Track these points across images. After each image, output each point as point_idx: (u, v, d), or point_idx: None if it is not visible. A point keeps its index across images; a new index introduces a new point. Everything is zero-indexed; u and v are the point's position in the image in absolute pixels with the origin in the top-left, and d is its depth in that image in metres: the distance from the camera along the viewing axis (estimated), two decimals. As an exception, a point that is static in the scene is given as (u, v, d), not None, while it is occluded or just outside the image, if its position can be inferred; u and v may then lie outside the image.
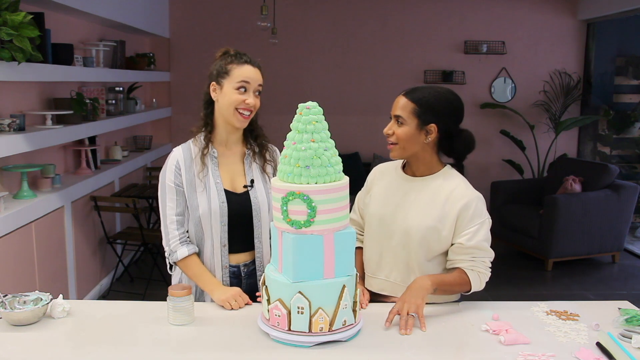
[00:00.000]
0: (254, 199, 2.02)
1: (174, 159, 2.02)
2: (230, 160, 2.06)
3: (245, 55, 2.02)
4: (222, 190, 2.00)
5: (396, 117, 1.92)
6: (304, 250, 1.60)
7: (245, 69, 1.97)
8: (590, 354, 1.58)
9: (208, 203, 1.97)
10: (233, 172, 2.05)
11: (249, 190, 2.03)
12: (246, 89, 1.96)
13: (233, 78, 1.96)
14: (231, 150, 2.07)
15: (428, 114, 1.89)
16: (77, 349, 1.63)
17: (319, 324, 1.60)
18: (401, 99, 1.93)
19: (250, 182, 2.04)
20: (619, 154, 7.01)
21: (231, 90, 1.96)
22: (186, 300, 1.77)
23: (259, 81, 1.99)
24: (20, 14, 2.94)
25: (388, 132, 1.94)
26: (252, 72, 1.98)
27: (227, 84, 1.97)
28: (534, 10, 6.68)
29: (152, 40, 6.64)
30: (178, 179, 2.00)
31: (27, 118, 3.55)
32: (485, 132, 6.77)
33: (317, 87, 6.72)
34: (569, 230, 5.16)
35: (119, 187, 5.06)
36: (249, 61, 1.99)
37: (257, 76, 1.99)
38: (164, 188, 2.02)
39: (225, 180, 2.02)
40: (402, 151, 1.93)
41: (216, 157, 2.03)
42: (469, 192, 1.92)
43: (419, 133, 1.90)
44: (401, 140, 1.91)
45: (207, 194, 1.98)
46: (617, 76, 6.96)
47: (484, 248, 1.89)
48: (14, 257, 3.14)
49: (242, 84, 1.96)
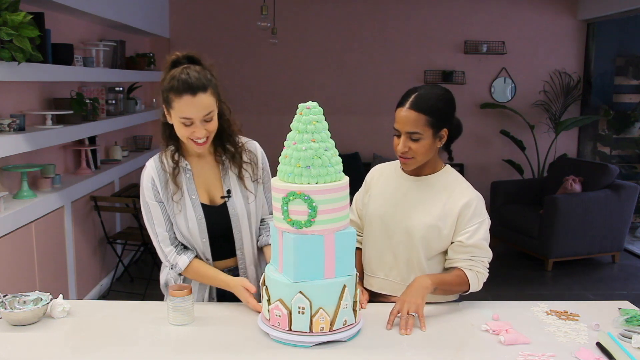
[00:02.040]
0: (232, 211, 1.94)
1: (149, 176, 1.91)
2: (206, 170, 1.95)
3: (185, 74, 1.75)
4: (199, 205, 1.91)
5: (410, 133, 1.84)
6: (304, 250, 1.60)
7: (184, 103, 1.74)
8: (590, 354, 1.58)
9: (186, 222, 1.90)
10: (209, 184, 1.95)
11: (226, 201, 1.94)
12: (192, 122, 1.77)
13: (176, 111, 1.77)
14: (205, 159, 1.95)
15: (441, 121, 1.87)
16: (77, 349, 1.63)
17: (319, 324, 1.60)
18: (408, 112, 1.84)
19: (227, 192, 1.94)
20: (619, 154, 7.00)
21: (178, 122, 1.79)
22: (186, 300, 1.77)
23: (204, 111, 1.76)
24: (20, 14, 2.94)
25: (404, 150, 1.86)
26: (192, 104, 1.74)
27: (173, 114, 1.79)
28: (534, 10, 6.67)
29: (152, 40, 6.64)
30: (157, 196, 1.91)
31: (27, 118, 3.55)
32: (485, 132, 6.78)
33: (317, 87, 6.71)
34: (569, 231, 5.16)
35: (119, 187, 5.05)
36: (188, 88, 1.73)
37: (201, 105, 1.75)
38: (146, 207, 1.93)
39: (202, 193, 1.93)
40: (418, 164, 1.91)
41: (190, 169, 1.92)
42: (470, 191, 1.93)
43: (435, 141, 1.89)
44: (420, 154, 1.87)
45: (184, 213, 1.90)
46: (617, 76, 6.96)
47: (483, 247, 1.89)
48: (14, 257, 3.14)
49: (185, 119, 1.77)
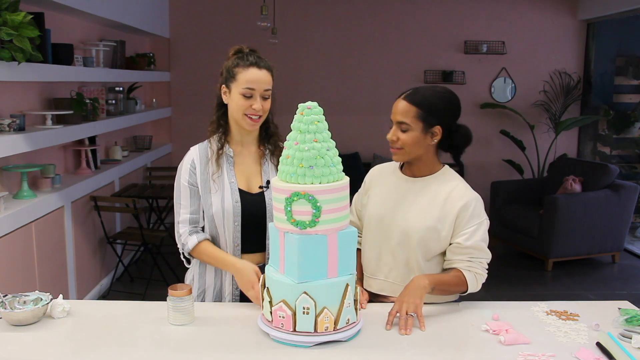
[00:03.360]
0: (269, 200, 1.97)
1: (190, 157, 2.01)
2: (247, 160, 2.04)
3: (252, 56, 1.94)
4: (237, 189, 1.98)
5: (399, 123, 1.88)
6: (309, 251, 1.60)
7: (250, 73, 1.91)
8: (590, 354, 1.58)
9: (222, 202, 1.95)
10: (249, 173, 2.03)
11: (264, 191, 2.00)
12: (252, 94, 1.91)
13: (239, 83, 1.91)
14: (248, 149, 2.04)
15: (432, 117, 1.87)
16: (77, 349, 1.63)
17: (324, 324, 1.60)
18: (401, 102, 1.89)
19: (266, 183, 2.01)
20: (619, 154, 7.01)
21: (238, 95, 1.92)
22: (186, 300, 1.77)
23: (265, 85, 1.93)
24: (20, 14, 2.94)
25: (392, 139, 1.90)
26: (258, 75, 1.91)
27: (234, 88, 1.92)
28: (534, 10, 6.68)
29: (152, 40, 6.64)
30: (193, 178, 1.99)
31: (27, 118, 3.55)
32: (485, 132, 6.78)
33: (317, 87, 6.72)
34: (569, 230, 5.16)
35: (119, 187, 5.06)
36: (255, 63, 1.91)
37: (264, 79, 1.92)
38: (178, 187, 2.01)
39: (240, 180, 2.00)
40: (407, 155, 1.92)
41: (232, 156, 2.01)
42: (468, 192, 1.92)
43: (425, 136, 1.89)
44: (407, 145, 1.89)
45: (221, 193, 1.96)
46: (617, 76, 6.96)
47: (481, 248, 1.89)
48: (14, 257, 3.14)
49: (247, 90, 1.90)
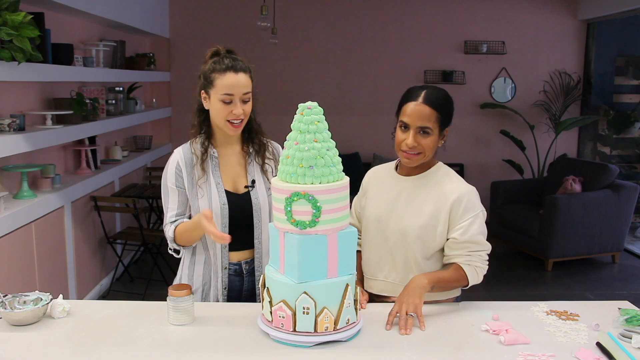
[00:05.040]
0: (255, 200, 2.00)
1: (175, 160, 2.01)
2: (232, 160, 2.05)
3: (228, 58, 1.91)
4: (223, 191, 1.99)
5: (421, 127, 1.85)
6: (308, 251, 1.60)
7: (227, 79, 1.88)
8: (590, 354, 1.58)
9: (209, 205, 1.96)
10: (234, 173, 2.04)
11: (250, 190, 2.02)
12: (232, 100, 1.89)
13: (217, 89, 1.89)
14: (232, 150, 2.05)
15: (446, 119, 1.89)
16: (77, 349, 1.63)
17: (324, 324, 1.60)
18: (423, 107, 1.84)
19: (251, 182, 2.03)
20: (619, 154, 7.00)
21: (217, 101, 1.90)
22: (186, 300, 1.77)
23: (244, 89, 1.90)
24: (20, 14, 2.94)
25: (414, 144, 1.85)
26: (235, 80, 1.88)
27: (213, 95, 1.91)
28: (534, 10, 6.68)
29: (152, 40, 6.64)
30: (179, 181, 2.00)
31: (27, 118, 3.55)
32: (485, 132, 6.78)
33: (317, 87, 6.72)
34: (569, 230, 5.16)
35: (119, 187, 5.06)
36: (231, 67, 1.88)
37: (242, 83, 1.90)
38: (165, 190, 2.02)
39: (226, 181, 2.01)
40: (424, 160, 1.90)
41: (217, 157, 2.02)
42: (461, 185, 1.91)
43: (439, 139, 1.90)
44: (428, 150, 1.87)
45: (208, 197, 1.97)
46: (617, 76, 6.96)
47: (478, 241, 1.88)
48: (14, 257, 3.14)
49: (226, 96, 1.89)
